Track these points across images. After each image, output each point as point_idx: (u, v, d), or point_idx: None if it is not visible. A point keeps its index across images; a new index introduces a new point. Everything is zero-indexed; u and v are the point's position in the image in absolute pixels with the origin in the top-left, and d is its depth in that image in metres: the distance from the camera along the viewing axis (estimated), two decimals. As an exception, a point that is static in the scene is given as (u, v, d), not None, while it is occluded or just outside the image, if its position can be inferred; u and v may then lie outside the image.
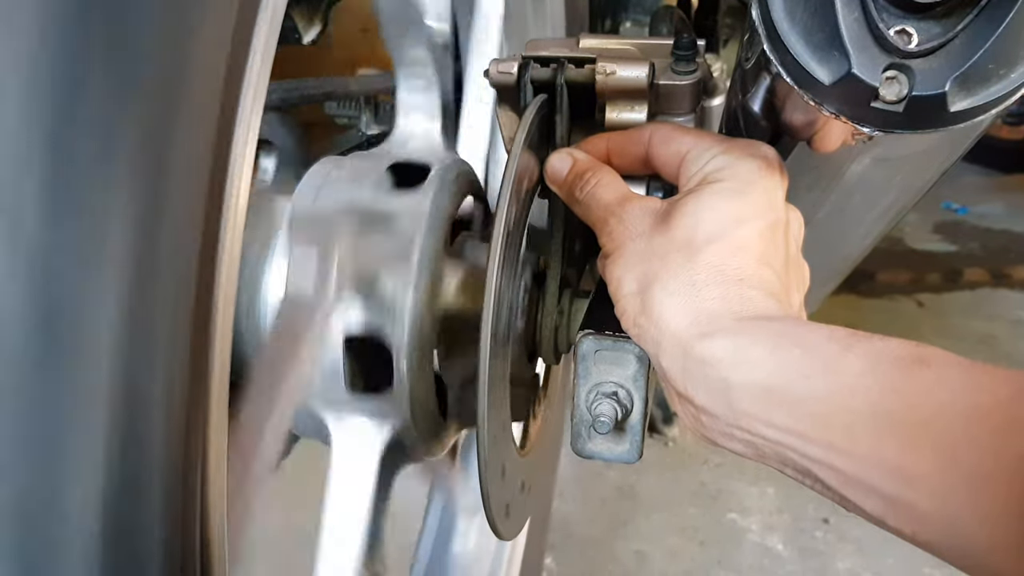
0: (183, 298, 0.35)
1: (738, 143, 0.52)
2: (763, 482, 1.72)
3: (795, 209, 0.53)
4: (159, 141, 0.33)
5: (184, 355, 0.35)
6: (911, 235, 3.01)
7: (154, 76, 0.32)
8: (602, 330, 0.53)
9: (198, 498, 0.38)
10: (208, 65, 0.35)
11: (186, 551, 0.37)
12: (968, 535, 0.37)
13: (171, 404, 0.35)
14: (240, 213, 0.39)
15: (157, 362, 0.34)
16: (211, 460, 0.39)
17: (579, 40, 0.61)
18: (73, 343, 0.31)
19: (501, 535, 0.58)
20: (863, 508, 0.40)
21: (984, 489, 0.36)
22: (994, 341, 2.30)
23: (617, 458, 0.55)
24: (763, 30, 0.44)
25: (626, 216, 0.51)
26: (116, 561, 0.33)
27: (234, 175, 0.38)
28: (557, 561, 1.53)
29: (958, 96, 0.41)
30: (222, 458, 0.40)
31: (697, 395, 0.45)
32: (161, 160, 0.33)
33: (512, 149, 0.52)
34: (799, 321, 0.46)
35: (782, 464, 0.44)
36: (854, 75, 0.41)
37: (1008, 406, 0.37)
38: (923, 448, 0.38)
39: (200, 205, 0.35)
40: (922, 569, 1.50)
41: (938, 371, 0.39)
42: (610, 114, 0.57)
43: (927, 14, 0.40)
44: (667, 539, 1.60)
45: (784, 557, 1.58)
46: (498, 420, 0.54)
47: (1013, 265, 2.76)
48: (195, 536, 0.38)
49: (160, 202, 0.33)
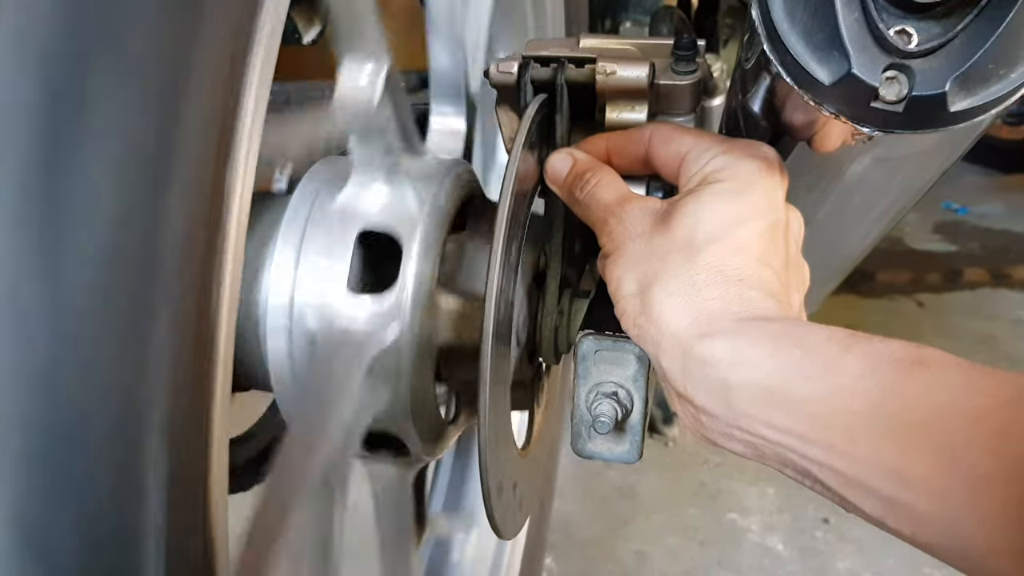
0: (185, 297, 0.35)
1: (738, 143, 0.52)
2: (763, 482, 1.72)
3: (795, 209, 0.53)
4: (160, 142, 0.33)
5: (185, 354, 0.35)
6: (911, 235, 3.01)
7: (155, 76, 0.32)
8: (602, 330, 0.53)
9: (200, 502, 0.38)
10: (210, 66, 0.35)
11: (187, 553, 0.37)
12: (967, 536, 0.37)
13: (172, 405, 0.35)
14: (243, 213, 0.39)
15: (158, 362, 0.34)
16: (213, 460, 0.39)
17: (579, 40, 0.61)
18: (75, 340, 0.31)
19: (501, 534, 0.58)
20: (862, 509, 0.40)
21: (983, 491, 0.36)
22: (994, 341, 2.30)
23: (617, 458, 0.55)
24: (763, 30, 0.44)
25: (626, 216, 0.51)
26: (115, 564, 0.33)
27: (236, 176, 0.38)
28: (557, 561, 1.53)
29: (958, 96, 0.41)
30: (223, 458, 0.40)
31: (697, 395, 0.45)
32: (163, 161, 0.33)
33: (512, 149, 0.52)
34: (799, 322, 0.46)
35: (782, 465, 0.44)
36: (854, 75, 0.41)
37: (1007, 408, 0.37)
38: (922, 450, 0.38)
39: (203, 205, 0.35)
40: (922, 569, 1.50)
41: (938, 373, 0.39)
42: (610, 114, 0.57)
43: (927, 14, 0.40)
44: (667, 539, 1.60)
45: (784, 557, 1.58)
46: (498, 419, 0.54)
47: (1013, 265, 2.76)
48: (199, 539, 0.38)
49: (162, 202, 0.33)
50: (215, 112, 0.35)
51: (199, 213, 0.35)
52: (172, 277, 0.34)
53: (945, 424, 0.37)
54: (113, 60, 0.31)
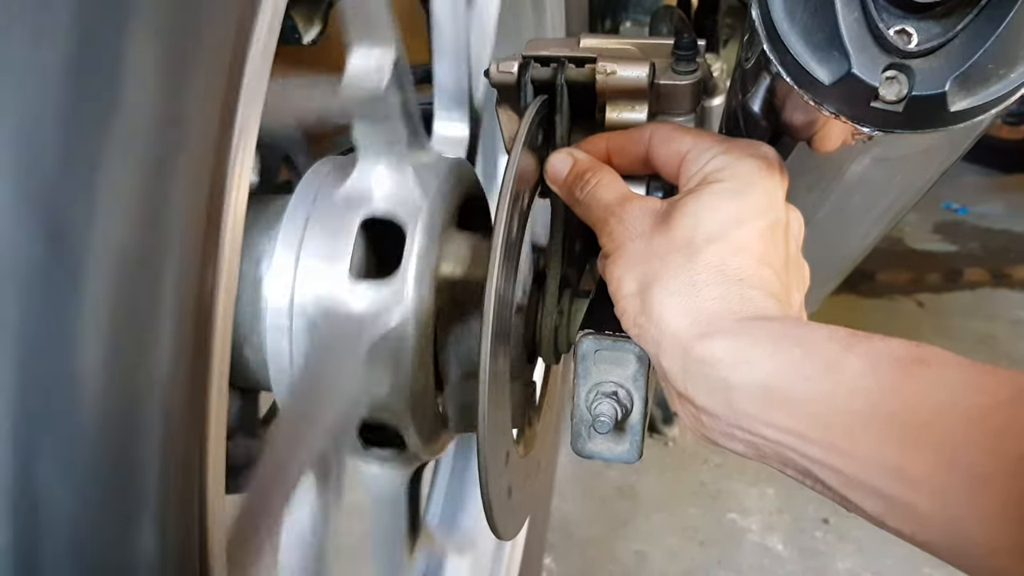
0: (185, 296, 0.35)
1: (738, 143, 0.52)
2: (763, 482, 1.72)
3: (795, 209, 0.53)
4: (160, 142, 0.33)
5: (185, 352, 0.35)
6: (911, 235, 3.01)
7: (155, 75, 0.32)
8: (602, 330, 0.53)
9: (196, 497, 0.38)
10: (208, 65, 0.35)
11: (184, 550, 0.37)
12: (968, 536, 0.36)
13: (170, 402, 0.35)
14: (240, 213, 0.39)
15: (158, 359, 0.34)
16: (210, 458, 0.39)
17: (579, 40, 0.61)
18: (76, 336, 0.31)
19: (500, 535, 0.58)
20: (863, 508, 0.40)
21: (984, 490, 0.36)
22: (994, 341, 2.30)
23: (617, 458, 0.55)
24: (763, 30, 0.44)
25: (626, 216, 0.51)
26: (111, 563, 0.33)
27: (234, 175, 0.38)
28: (557, 561, 1.53)
29: (958, 96, 0.41)
30: (221, 455, 0.40)
31: (697, 395, 0.45)
32: (162, 160, 0.33)
33: (512, 149, 0.52)
34: (799, 321, 0.46)
35: (782, 464, 0.44)
36: (854, 75, 0.41)
37: (1008, 407, 0.37)
38: (923, 449, 0.38)
39: (201, 205, 0.35)
40: (922, 569, 1.50)
41: (938, 372, 0.39)
42: (610, 114, 0.57)
43: (927, 14, 0.40)
44: (667, 539, 1.60)
45: (784, 557, 1.58)
46: (498, 419, 0.54)
47: (1013, 265, 2.76)
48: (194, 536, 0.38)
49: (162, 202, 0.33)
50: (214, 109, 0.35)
51: (198, 208, 0.35)
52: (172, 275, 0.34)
53: (945, 423, 0.37)
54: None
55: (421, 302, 0.55)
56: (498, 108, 0.61)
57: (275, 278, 0.55)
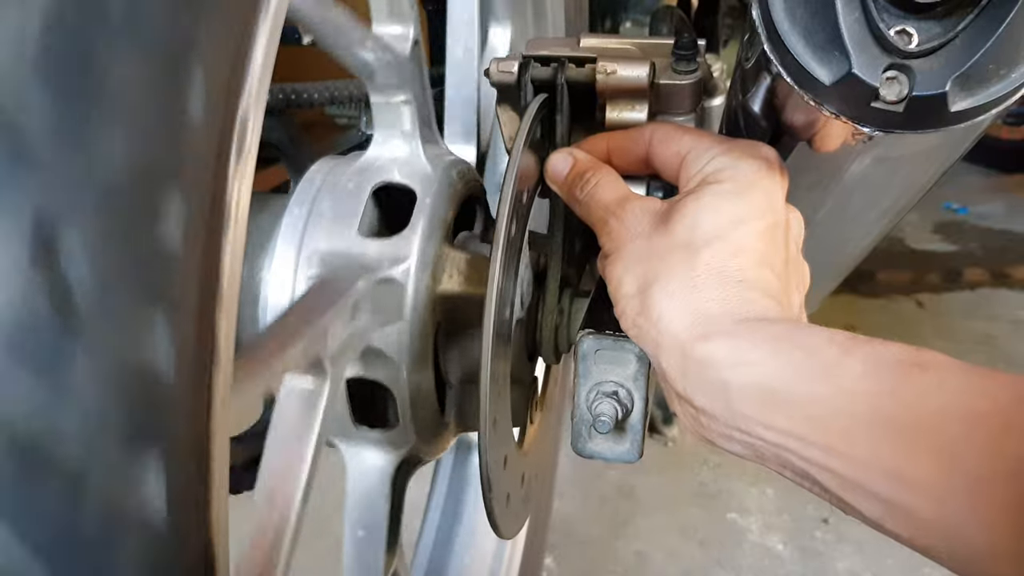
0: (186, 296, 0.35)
1: (738, 143, 0.52)
2: (763, 482, 1.72)
3: (795, 210, 0.53)
4: (160, 142, 0.33)
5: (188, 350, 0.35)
6: (911, 235, 3.02)
7: (155, 75, 0.32)
8: (602, 330, 0.53)
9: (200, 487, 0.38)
10: (209, 66, 0.35)
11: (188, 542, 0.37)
12: (967, 540, 0.36)
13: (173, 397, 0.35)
14: (242, 212, 0.39)
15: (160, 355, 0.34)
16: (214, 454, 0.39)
17: (579, 40, 0.61)
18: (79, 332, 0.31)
19: (501, 534, 0.58)
20: (861, 511, 0.40)
21: (983, 493, 0.36)
22: (994, 341, 2.30)
23: (617, 458, 0.55)
24: (763, 30, 0.44)
25: (626, 216, 0.51)
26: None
27: (236, 176, 0.38)
28: (557, 561, 1.53)
29: (958, 96, 0.41)
30: (225, 451, 0.40)
31: (696, 396, 0.45)
32: (163, 160, 0.33)
33: (513, 149, 0.52)
34: (799, 323, 0.46)
35: (781, 466, 0.44)
36: (854, 75, 0.41)
37: (1007, 410, 0.37)
38: (922, 452, 0.37)
39: (203, 205, 0.35)
40: (921, 570, 1.50)
41: (937, 375, 0.39)
42: (610, 114, 0.57)
43: (927, 14, 0.40)
44: (667, 539, 1.60)
45: (784, 557, 1.58)
46: (498, 419, 0.54)
47: (1013, 265, 2.76)
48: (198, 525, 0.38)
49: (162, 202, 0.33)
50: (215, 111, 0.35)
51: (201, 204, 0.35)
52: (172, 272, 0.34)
53: (945, 426, 0.37)
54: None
55: (428, 253, 0.57)
56: (498, 108, 0.61)
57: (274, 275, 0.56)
